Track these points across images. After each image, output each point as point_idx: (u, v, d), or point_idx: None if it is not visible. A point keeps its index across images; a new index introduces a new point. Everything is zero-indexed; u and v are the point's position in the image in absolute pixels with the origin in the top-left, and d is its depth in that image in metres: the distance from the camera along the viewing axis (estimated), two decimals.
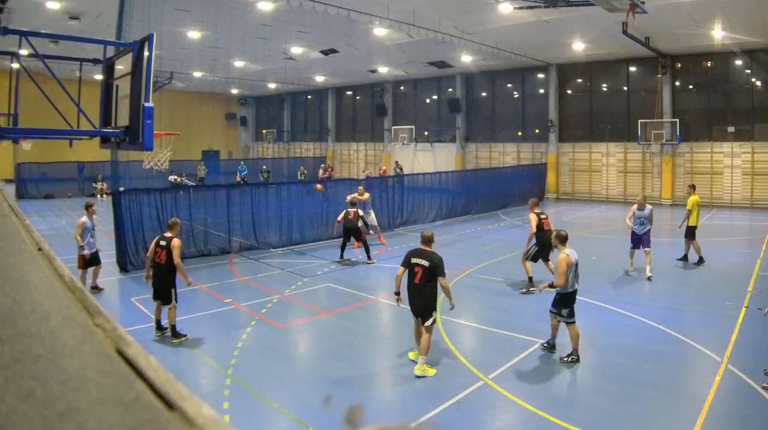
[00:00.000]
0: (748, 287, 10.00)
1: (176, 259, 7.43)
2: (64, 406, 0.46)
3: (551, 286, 6.85)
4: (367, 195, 14.57)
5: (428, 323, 6.47)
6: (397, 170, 28.99)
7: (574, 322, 6.77)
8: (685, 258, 12.33)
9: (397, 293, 6.79)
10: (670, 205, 23.14)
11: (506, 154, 29.67)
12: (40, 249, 1.09)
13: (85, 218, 9.79)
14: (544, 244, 9.74)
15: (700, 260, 12.12)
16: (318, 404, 5.62)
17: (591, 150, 26.70)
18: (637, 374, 6.35)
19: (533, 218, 10.08)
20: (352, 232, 12.66)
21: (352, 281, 11.00)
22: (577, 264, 6.86)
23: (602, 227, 18.55)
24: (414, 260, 6.55)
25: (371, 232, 14.45)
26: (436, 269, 6.43)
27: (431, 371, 6.42)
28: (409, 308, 6.67)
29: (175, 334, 7.51)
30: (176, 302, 7.53)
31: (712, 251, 12.76)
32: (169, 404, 0.47)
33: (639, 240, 11.18)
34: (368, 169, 32.18)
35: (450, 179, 21.54)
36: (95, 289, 9.86)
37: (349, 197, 13.58)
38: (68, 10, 17.58)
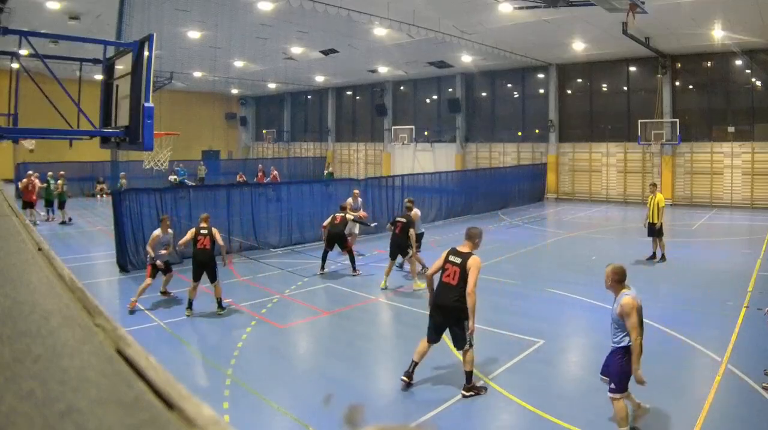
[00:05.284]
0: (748, 287, 9.99)
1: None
2: (64, 406, 0.46)
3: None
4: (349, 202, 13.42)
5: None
6: (327, 173, 29.65)
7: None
8: (654, 256, 12.52)
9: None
10: (671, 205, 23.13)
11: (506, 155, 29.65)
12: (40, 249, 1.10)
13: (158, 231, 9.56)
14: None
15: (654, 256, 12.47)
16: (318, 404, 5.62)
17: (591, 150, 26.68)
18: None
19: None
20: (337, 239, 11.29)
21: (352, 281, 10.99)
22: None
23: (602, 227, 18.55)
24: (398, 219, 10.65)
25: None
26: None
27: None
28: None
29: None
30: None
31: (712, 251, 12.75)
32: (169, 404, 0.47)
33: None
34: (274, 172, 27.01)
35: (450, 179, 21.51)
36: (164, 293, 9.90)
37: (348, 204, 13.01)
38: (68, 10, 17.58)
